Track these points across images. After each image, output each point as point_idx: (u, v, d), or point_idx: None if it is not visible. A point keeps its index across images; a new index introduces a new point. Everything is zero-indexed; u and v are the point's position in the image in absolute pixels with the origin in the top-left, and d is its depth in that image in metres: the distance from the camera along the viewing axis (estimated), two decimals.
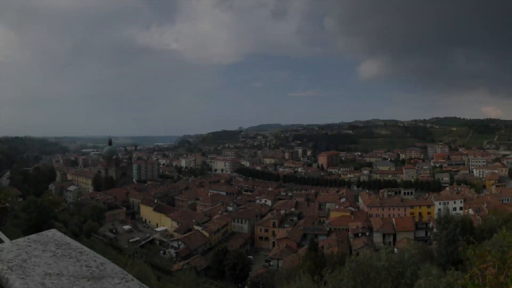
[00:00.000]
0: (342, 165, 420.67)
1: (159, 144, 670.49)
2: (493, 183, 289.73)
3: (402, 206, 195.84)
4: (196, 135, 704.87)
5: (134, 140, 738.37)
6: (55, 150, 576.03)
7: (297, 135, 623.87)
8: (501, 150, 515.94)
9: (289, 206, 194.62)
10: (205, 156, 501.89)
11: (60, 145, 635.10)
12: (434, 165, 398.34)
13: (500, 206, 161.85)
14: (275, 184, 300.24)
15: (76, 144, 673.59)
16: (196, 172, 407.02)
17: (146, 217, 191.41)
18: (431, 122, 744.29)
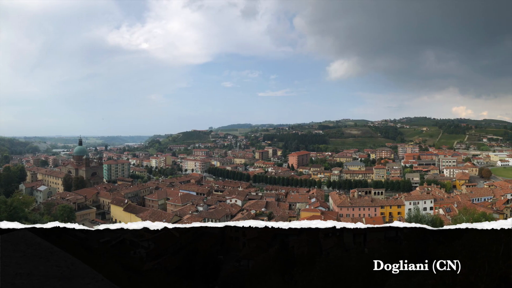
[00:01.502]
0: (313, 165, 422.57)
1: (130, 144, 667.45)
2: (463, 183, 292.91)
3: (373, 206, 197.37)
4: (167, 135, 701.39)
5: (104, 140, 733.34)
6: (25, 150, 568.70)
7: (268, 135, 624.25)
8: (471, 150, 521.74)
9: (259, 206, 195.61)
10: (175, 156, 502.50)
11: (30, 145, 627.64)
12: (405, 165, 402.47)
13: (470, 206, 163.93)
14: (246, 184, 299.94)
15: (47, 144, 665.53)
16: (167, 172, 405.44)
17: (116, 217, 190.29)
18: (402, 122, 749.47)
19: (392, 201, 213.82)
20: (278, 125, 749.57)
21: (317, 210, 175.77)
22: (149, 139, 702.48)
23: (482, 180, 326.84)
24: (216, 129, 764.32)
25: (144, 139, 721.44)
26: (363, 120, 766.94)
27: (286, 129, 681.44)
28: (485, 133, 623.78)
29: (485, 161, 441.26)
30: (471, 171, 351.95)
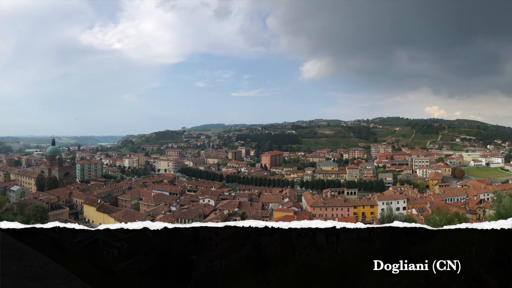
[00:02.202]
0: (286, 165, 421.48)
1: (102, 144, 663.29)
2: (436, 183, 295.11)
3: (346, 206, 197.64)
4: (140, 135, 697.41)
5: (77, 140, 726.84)
6: None
7: (240, 135, 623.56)
8: (444, 150, 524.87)
9: (232, 206, 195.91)
10: (148, 156, 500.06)
11: (3, 145, 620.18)
12: (378, 165, 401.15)
13: (443, 206, 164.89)
14: (219, 184, 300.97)
15: (19, 144, 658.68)
16: (140, 172, 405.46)
17: (89, 217, 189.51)
18: (375, 122, 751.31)
19: (365, 201, 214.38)
20: (251, 125, 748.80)
21: (290, 210, 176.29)
22: (122, 139, 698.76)
23: (455, 180, 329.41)
24: (189, 129, 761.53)
25: (117, 139, 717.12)
26: (336, 120, 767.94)
27: (259, 129, 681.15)
28: (458, 133, 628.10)
29: (458, 161, 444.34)
30: (444, 171, 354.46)
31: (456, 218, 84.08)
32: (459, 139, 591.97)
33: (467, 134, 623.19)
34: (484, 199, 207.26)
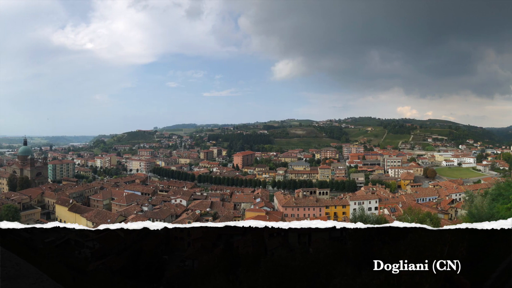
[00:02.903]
0: (257, 165, 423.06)
1: (75, 144, 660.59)
2: (408, 183, 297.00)
3: (317, 206, 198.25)
4: (111, 135, 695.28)
5: (49, 140, 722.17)
6: None
7: (212, 135, 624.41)
8: (416, 150, 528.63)
9: (204, 206, 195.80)
10: (120, 156, 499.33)
11: None
12: (349, 165, 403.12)
13: (415, 206, 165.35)
14: (190, 184, 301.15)
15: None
16: (112, 172, 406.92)
17: (61, 217, 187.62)
18: (346, 122, 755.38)
19: (337, 201, 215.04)
20: (223, 125, 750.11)
21: (262, 210, 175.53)
22: (94, 139, 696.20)
23: (427, 180, 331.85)
24: (161, 129, 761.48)
25: (89, 139, 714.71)
26: (308, 120, 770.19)
27: (231, 129, 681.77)
28: (430, 133, 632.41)
29: (430, 161, 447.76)
30: (416, 171, 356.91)
31: (428, 218, 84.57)
32: (431, 139, 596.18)
33: (439, 134, 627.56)
34: (456, 199, 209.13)
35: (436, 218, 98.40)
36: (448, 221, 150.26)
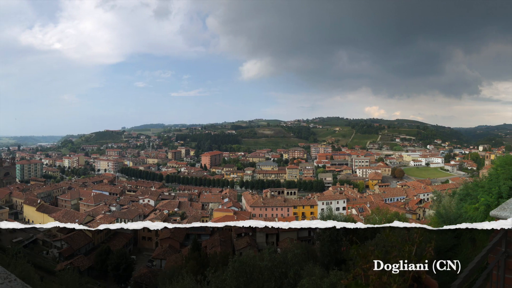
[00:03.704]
0: (225, 165, 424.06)
1: (42, 144, 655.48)
2: (376, 183, 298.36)
3: (285, 206, 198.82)
4: (79, 135, 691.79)
5: (17, 140, 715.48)
6: None
7: (180, 135, 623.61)
8: (384, 150, 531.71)
9: (172, 206, 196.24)
10: (88, 156, 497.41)
11: None
12: (317, 165, 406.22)
13: (383, 206, 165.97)
14: (158, 184, 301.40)
15: None
16: (80, 172, 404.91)
17: (29, 217, 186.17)
18: (314, 122, 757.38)
19: (305, 201, 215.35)
20: (191, 125, 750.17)
21: (230, 210, 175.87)
22: (62, 139, 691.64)
23: (395, 180, 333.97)
24: (129, 129, 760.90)
25: (57, 139, 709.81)
26: (276, 120, 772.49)
27: (199, 129, 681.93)
28: (398, 133, 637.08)
29: (398, 161, 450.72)
30: (384, 171, 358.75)
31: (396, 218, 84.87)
32: (399, 139, 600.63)
33: (407, 134, 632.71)
34: (424, 199, 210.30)
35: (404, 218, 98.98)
36: (416, 221, 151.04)
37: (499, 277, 6.99)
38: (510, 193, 34.26)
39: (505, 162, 42.19)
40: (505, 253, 7.10)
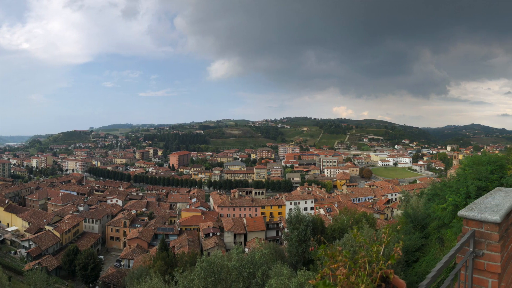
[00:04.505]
0: (193, 165, 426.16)
1: (10, 144, 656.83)
2: (344, 183, 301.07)
3: (253, 206, 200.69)
4: (47, 135, 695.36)
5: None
6: None
7: (148, 135, 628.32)
8: (352, 150, 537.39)
9: (140, 206, 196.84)
10: (56, 156, 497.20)
11: None
12: (285, 165, 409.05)
13: (351, 206, 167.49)
14: (126, 184, 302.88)
15: None
16: (47, 172, 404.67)
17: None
18: (282, 122, 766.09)
19: (273, 201, 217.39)
20: (159, 125, 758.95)
21: (198, 210, 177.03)
22: (30, 139, 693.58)
23: (363, 180, 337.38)
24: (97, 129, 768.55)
25: (25, 139, 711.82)
26: (244, 120, 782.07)
27: (167, 129, 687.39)
28: (366, 133, 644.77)
29: (366, 161, 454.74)
30: (352, 171, 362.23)
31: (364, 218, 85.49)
32: (367, 139, 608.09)
33: (375, 134, 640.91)
34: (392, 199, 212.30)
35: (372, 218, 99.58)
36: (384, 221, 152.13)
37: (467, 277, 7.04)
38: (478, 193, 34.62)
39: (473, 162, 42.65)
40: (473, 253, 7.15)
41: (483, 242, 7.04)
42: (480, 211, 7.25)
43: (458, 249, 6.46)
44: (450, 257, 6.01)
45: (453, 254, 6.15)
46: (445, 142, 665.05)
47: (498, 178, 36.95)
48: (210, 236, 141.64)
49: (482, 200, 8.14)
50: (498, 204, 7.70)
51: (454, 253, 6.21)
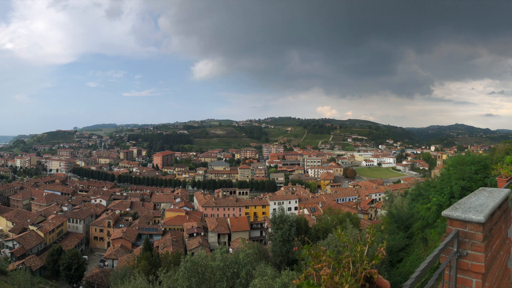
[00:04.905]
0: (177, 165, 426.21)
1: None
2: (328, 183, 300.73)
3: (237, 206, 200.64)
4: (31, 135, 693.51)
5: None
6: None
7: (132, 135, 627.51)
8: (336, 150, 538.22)
9: (124, 206, 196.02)
10: (40, 156, 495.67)
11: None
12: (269, 165, 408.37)
13: (335, 206, 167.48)
14: (110, 184, 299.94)
15: None
16: (31, 172, 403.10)
17: None
18: (266, 122, 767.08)
19: (257, 201, 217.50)
20: (143, 125, 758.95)
21: (182, 210, 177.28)
22: (14, 139, 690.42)
23: (347, 180, 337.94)
24: (81, 129, 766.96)
25: (8, 139, 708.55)
26: (228, 120, 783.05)
27: (151, 129, 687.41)
28: (350, 133, 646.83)
29: (350, 161, 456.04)
30: (336, 171, 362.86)
31: (348, 218, 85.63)
32: (351, 139, 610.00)
33: (359, 134, 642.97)
34: (376, 199, 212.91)
35: (356, 218, 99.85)
36: (368, 221, 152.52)
37: (451, 277, 7.05)
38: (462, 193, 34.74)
39: (457, 162, 42.80)
40: (457, 253, 7.17)
41: (467, 242, 7.05)
42: (464, 211, 7.26)
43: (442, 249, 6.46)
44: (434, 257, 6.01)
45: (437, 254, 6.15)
46: (429, 142, 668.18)
47: (482, 178, 37.09)
48: (194, 236, 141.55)
49: (466, 200, 8.16)
50: (482, 204, 7.73)
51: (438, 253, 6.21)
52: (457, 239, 7.09)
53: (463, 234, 7.12)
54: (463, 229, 7.12)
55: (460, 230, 7.15)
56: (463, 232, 7.11)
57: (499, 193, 8.87)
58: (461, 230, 7.15)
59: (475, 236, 7.00)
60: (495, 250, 7.90)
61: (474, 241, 7.00)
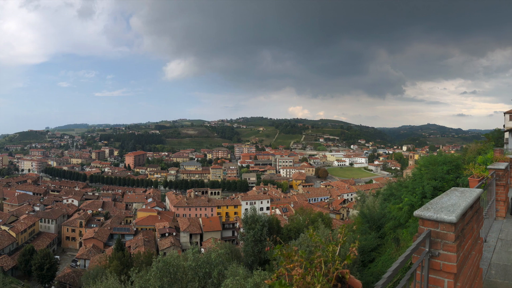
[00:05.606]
0: (149, 165, 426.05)
1: None
2: (300, 183, 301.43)
3: (209, 206, 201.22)
4: (3, 135, 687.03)
5: None
6: None
7: (104, 135, 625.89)
8: (308, 150, 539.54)
9: (96, 206, 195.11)
10: (12, 156, 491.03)
11: None
12: (241, 165, 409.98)
13: (307, 206, 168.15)
14: (82, 184, 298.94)
15: None
16: (3, 172, 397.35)
17: None
18: (238, 122, 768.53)
19: (229, 201, 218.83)
20: (115, 125, 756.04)
21: (154, 210, 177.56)
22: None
23: (318, 180, 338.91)
24: (52, 129, 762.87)
25: None
26: (199, 120, 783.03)
27: (122, 129, 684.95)
28: (322, 133, 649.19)
29: (322, 161, 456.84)
30: (308, 171, 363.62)
31: (320, 218, 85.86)
32: (323, 139, 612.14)
33: (331, 134, 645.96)
34: (348, 199, 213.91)
35: (327, 218, 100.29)
36: (340, 221, 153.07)
37: (423, 277, 7.07)
38: (434, 193, 34.99)
39: (429, 162, 43.12)
40: (429, 253, 7.19)
41: (439, 242, 7.08)
42: (436, 211, 7.30)
43: (414, 249, 6.48)
44: (406, 257, 6.02)
45: (409, 254, 6.17)
46: (401, 142, 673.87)
47: (454, 178, 37.36)
48: (166, 236, 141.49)
49: (438, 200, 8.20)
50: (454, 204, 7.77)
51: (410, 253, 6.23)
52: (429, 239, 7.12)
53: (435, 234, 7.15)
54: (435, 229, 7.15)
55: (432, 230, 7.18)
56: (435, 232, 7.14)
57: (471, 193, 8.93)
58: (433, 230, 7.18)
59: (447, 236, 7.03)
60: (467, 250, 7.95)
61: (446, 241, 7.03)
